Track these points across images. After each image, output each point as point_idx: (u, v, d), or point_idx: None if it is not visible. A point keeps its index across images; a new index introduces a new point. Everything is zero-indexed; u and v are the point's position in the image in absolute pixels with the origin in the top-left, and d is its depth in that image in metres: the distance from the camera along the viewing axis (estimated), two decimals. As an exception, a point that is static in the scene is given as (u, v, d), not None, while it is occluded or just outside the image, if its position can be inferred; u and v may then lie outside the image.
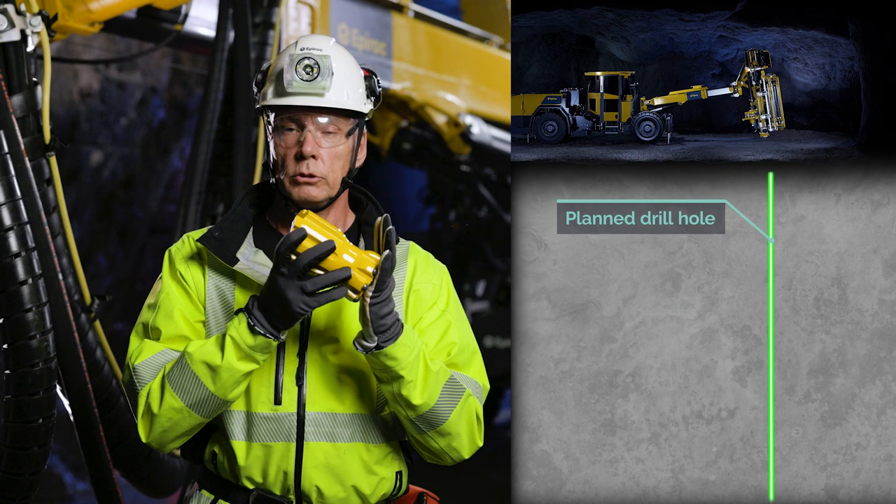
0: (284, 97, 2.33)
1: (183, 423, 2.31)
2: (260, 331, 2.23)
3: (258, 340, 2.24)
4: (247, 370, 2.27)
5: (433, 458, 2.44)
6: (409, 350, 2.28)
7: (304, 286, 2.18)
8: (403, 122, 6.98)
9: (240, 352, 2.24)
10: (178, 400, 2.28)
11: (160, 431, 2.32)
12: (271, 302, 2.22)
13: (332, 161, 2.34)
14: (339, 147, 2.36)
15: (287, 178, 2.34)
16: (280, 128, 2.35)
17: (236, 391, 2.29)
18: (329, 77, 2.32)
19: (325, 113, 2.34)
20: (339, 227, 2.43)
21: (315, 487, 2.35)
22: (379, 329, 2.23)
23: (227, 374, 2.25)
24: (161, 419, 2.30)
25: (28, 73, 3.51)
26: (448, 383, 2.35)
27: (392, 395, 2.31)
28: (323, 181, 2.34)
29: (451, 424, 2.36)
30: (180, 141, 6.98)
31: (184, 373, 2.27)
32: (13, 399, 3.35)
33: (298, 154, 2.32)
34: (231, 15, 4.53)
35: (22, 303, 3.32)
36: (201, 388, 2.27)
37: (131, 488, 4.12)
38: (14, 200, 3.31)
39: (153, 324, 2.37)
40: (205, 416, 2.30)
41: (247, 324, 2.24)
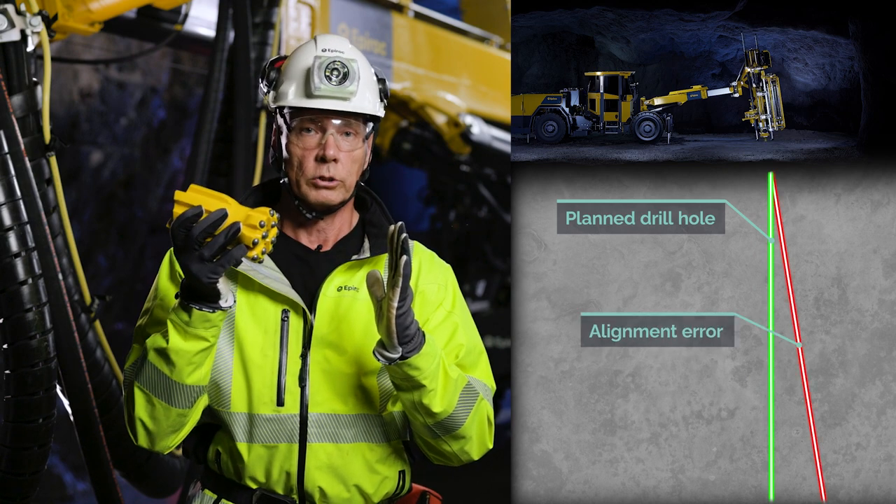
0: (312, 100, 2.33)
1: (160, 419, 2.30)
2: (193, 305, 2.21)
3: (194, 315, 2.22)
4: (195, 349, 2.24)
5: (442, 460, 2.44)
6: (431, 359, 2.28)
7: (202, 254, 2.16)
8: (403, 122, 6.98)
9: (181, 331, 2.23)
10: (146, 393, 2.28)
11: (143, 430, 2.32)
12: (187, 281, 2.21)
13: (350, 164, 2.35)
14: (356, 151, 2.36)
15: (304, 180, 2.33)
16: (299, 128, 2.34)
17: (196, 375, 2.27)
18: (356, 82, 2.32)
19: (349, 117, 2.35)
20: (346, 227, 2.43)
21: (318, 488, 2.36)
22: (403, 340, 2.22)
23: (176, 356, 2.24)
24: (139, 416, 2.30)
25: (28, 73, 3.51)
26: (465, 389, 2.36)
27: (412, 403, 2.30)
28: (341, 185, 2.34)
29: (465, 429, 2.36)
30: (180, 141, 6.98)
31: (145, 366, 2.28)
32: (13, 399, 3.35)
33: (320, 157, 2.32)
34: (231, 15, 4.53)
35: (22, 303, 3.31)
36: (161, 377, 2.26)
37: (131, 488, 4.12)
38: (14, 200, 3.31)
39: (145, 329, 2.39)
40: (177, 405, 2.29)
41: (179, 303, 2.23)
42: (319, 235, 2.40)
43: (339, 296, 2.36)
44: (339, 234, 2.42)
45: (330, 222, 2.40)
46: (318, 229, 2.40)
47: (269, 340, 2.34)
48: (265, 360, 2.34)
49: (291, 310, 2.35)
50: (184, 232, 2.16)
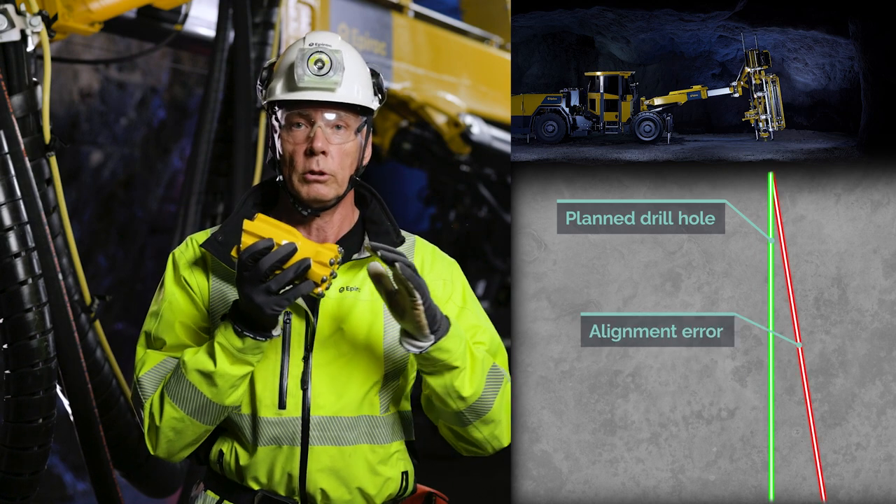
0: (295, 92, 2.31)
1: (187, 433, 2.31)
2: (248, 333, 2.23)
3: (247, 343, 2.24)
4: (241, 374, 2.27)
5: (473, 450, 2.43)
6: (459, 341, 2.29)
7: (269, 287, 2.18)
8: (403, 122, 6.98)
9: (230, 356, 2.25)
10: (178, 410, 2.28)
11: (166, 442, 2.32)
12: (246, 309, 2.22)
13: (341, 158, 2.33)
14: (348, 144, 2.34)
15: (296, 176, 2.32)
16: (289, 124, 2.33)
17: (234, 396, 2.29)
18: (340, 72, 2.31)
19: (335, 108, 2.33)
20: (346, 224, 2.42)
21: (320, 490, 2.35)
22: (434, 328, 2.24)
23: (222, 379, 2.25)
24: (165, 430, 2.30)
25: (28, 73, 3.51)
26: (492, 371, 2.37)
27: (444, 387, 2.30)
28: (332, 179, 2.32)
29: (494, 412, 2.37)
30: (180, 141, 6.98)
31: (180, 382, 2.27)
32: (13, 399, 3.35)
33: (308, 150, 2.30)
34: (231, 15, 4.53)
35: (22, 303, 3.31)
36: (199, 396, 2.27)
37: (131, 488, 4.12)
38: (14, 200, 3.31)
39: (156, 333, 2.37)
40: (207, 423, 2.30)
41: (233, 329, 2.24)
42: (319, 234, 2.39)
43: (342, 297, 2.36)
44: (340, 231, 2.41)
45: (329, 220, 2.38)
46: (316, 227, 2.38)
47: (271, 343, 2.34)
48: (267, 362, 2.34)
49: (293, 312, 2.35)
50: (252, 263, 2.17)
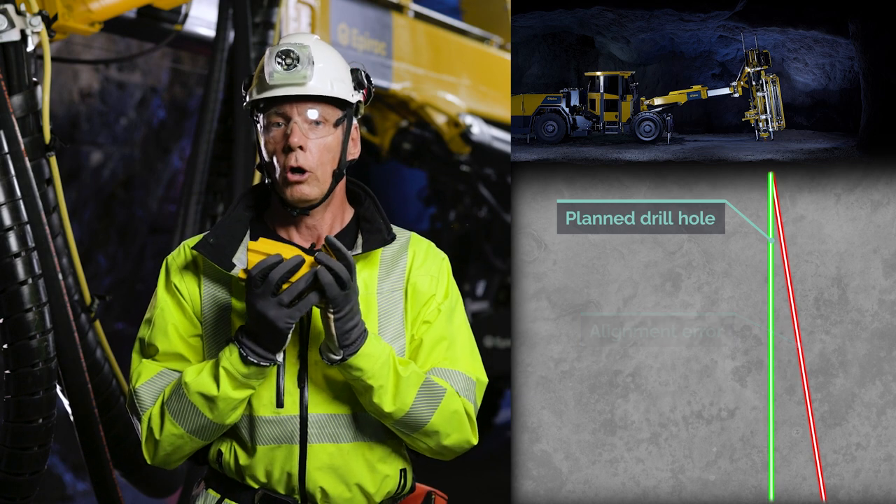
0: (267, 90, 2.32)
1: (185, 447, 2.34)
2: (252, 360, 2.24)
3: (251, 369, 2.25)
4: (243, 397, 2.28)
5: (432, 453, 2.44)
6: (373, 360, 2.28)
7: (281, 300, 2.19)
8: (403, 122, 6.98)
9: (234, 381, 2.26)
10: (178, 427, 2.30)
11: (164, 455, 2.35)
12: (257, 327, 2.23)
13: (320, 153, 2.32)
14: (327, 138, 2.33)
15: (280, 178, 2.32)
16: (268, 125, 2.34)
17: (234, 416, 2.31)
18: (309, 66, 2.31)
19: (308, 101, 2.32)
20: (338, 223, 2.42)
21: (319, 488, 2.35)
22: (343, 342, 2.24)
23: (224, 403, 2.27)
24: (164, 444, 2.32)
25: (28, 73, 3.51)
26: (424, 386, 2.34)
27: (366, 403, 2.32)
28: (312, 175, 2.31)
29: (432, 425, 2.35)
30: (180, 141, 6.98)
31: (182, 402, 2.29)
32: (13, 399, 3.35)
33: (286, 147, 2.30)
34: (231, 15, 4.53)
35: (22, 303, 3.32)
36: (200, 417, 2.29)
37: (131, 488, 4.12)
38: (14, 200, 3.31)
39: (149, 340, 2.38)
40: (206, 439, 2.33)
41: (238, 354, 2.25)
42: (311, 233, 2.39)
43: None
44: (332, 230, 2.40)
45: (319, 219, 2.38)
46: (307, 227, 2.38)
47: None
48: None
49: None
50: (262, 279, 2.19)
